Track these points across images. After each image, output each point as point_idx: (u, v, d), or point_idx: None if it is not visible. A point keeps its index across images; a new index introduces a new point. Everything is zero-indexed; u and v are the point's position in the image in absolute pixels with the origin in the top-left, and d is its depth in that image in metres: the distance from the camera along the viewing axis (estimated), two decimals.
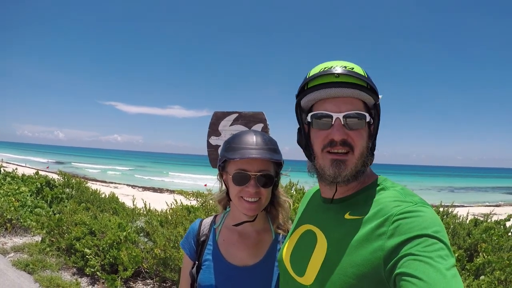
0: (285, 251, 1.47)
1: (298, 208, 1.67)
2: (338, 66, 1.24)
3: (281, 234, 1.77)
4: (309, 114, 1.31)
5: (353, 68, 1.24)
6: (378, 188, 1.27)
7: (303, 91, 1.31)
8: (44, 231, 7.24)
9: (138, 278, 5.98)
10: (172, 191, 28.27)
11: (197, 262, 1.76)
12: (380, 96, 1.28)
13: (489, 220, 5.71)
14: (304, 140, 1.37)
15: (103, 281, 5.79)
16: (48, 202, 9.92)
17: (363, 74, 1.24)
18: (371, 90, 1.24)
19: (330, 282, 1.16)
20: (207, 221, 1.87)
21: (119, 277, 5.61)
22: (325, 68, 1.25)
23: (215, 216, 1.89)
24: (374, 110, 1.30)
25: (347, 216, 1.25)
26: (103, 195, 10.23)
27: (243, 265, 1.69)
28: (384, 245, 1.06)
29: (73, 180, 11.42)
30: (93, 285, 5.89)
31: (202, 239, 1.79)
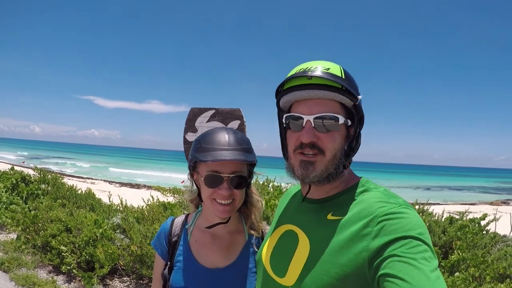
0: (265, 251, 1.45)
1: (277, 207, 1.64)
2: (313, 67, 1.23)
3: (254, 236, 1.73)
4: (284, 116, 1.33)
5: (329, 69, 1.22)
6: (361, 189, 1.27)
7: (279, 92, 1.33)
8: (20, 228, 7.07)
9: (115, 276, 5.91)
10: (149, 187, 27.97)
11: (169, 263, 1.71)
12: (359, 97, 1.25)
13: (464, 218, 5.82)
14: (281, 139, 1.40)
15: (79, 278, 5.68)
16: (24, 198, 9.64)
17: (339, 75, 1.23)
18: (347, 91, 1.22)
19: (312, 283, 1.16)
20: (179, 220, 1.80)
21: (96, 274, 5.52)
22: (301, 69, 1.26)
23: (187, 215, 1.83)
24: (354, 111, 1.28)
25: (329, 216, 1.25)
26: (79, 191, 9.97)
27: (215, 267, 1.65)
28: (369, 246, 1.06)
29: (49, 176, 11.11)
30: (70, 283, 5.78)
31: (174, 239, 1.73)
